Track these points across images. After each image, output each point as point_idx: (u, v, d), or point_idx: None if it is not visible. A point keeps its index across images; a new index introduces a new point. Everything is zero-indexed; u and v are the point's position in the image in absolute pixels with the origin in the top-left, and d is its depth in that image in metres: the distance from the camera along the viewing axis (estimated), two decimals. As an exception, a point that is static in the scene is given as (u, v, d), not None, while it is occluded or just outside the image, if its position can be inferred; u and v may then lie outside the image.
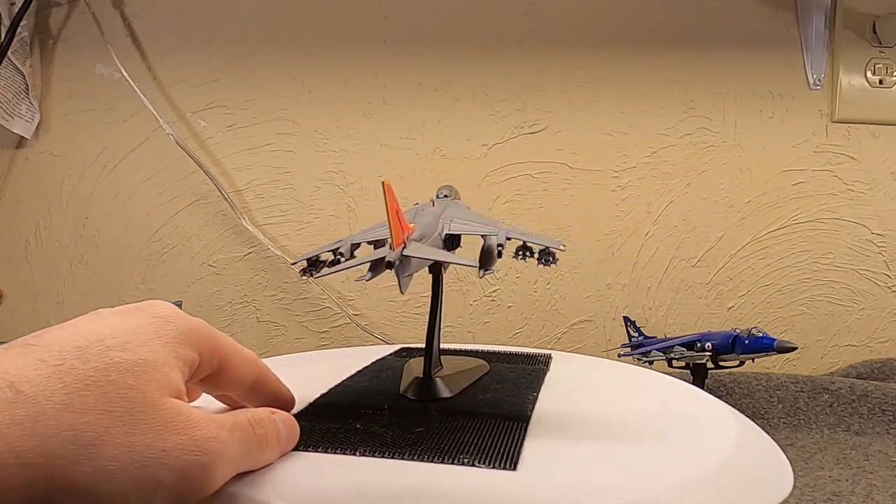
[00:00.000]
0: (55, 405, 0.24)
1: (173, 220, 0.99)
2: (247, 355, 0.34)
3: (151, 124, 0.96)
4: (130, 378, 0.26)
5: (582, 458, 0.34)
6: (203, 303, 0.99)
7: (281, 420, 0.33)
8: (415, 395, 0.42)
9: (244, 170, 0.99)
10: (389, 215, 0.33)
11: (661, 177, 0.98)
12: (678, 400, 0.45)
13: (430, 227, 0.39)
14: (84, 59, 0.98)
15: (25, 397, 0.24)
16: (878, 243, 0.97)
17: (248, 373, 0.34)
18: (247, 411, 0.32)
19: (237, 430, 0.29)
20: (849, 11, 0.95)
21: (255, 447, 0.30)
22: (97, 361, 0.26)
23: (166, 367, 0.28)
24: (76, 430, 0.24)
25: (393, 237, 0.34)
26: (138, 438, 0.25)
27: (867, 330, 0.98)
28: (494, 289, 0.99)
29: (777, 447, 0.39)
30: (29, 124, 0.97)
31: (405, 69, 0.97)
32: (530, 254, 0.40)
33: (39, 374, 0.25)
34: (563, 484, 0.30)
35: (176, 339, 0.30)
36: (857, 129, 0.97)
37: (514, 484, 0.30)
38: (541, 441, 0.36)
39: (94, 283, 0.99)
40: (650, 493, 0.30)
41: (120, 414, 0.25)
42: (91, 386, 0.25)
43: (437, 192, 0.49)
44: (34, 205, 1.00)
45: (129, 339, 0.28)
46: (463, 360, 0.50)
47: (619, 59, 0.97)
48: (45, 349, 0.26)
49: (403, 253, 0.34)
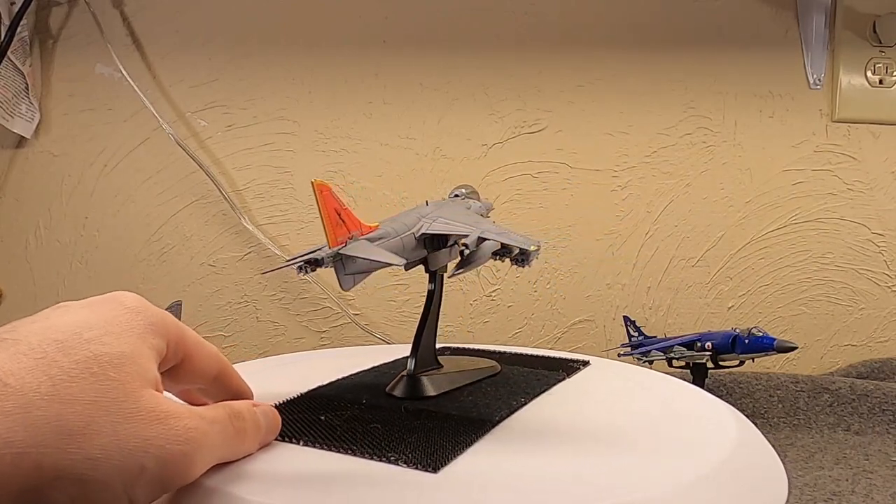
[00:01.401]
0: (42, 396, 0.25)
1: (173, 220, 0.99)
2: (209, 349, 0.35)
3: (151, 124, 0.96)
4: (111, 370, 0.27)
5: (558, 464, 0.33)
6: (203, 303, 0.99)
7: (262, 412, 0.34)
8: (397, 392, 0.42)
9: (244, 170, 0.99)
10: (323, 215, 0.35)
11: (661, 177, 0.98)
12: (678, 400, 0.45)
13: (404, 227, 0.40)
14: (84, 59, 0.98)
15: (12, 389, 0.25)
16: (878, 243, 0.97)
17: (210, 366, 0.35)
18: (226, 404, 0.33)
19: (217, 422, 0.30)
20: (849, 11, 0.95)
21: (234, 438, 0.32)
22: (78, 354, 0.27)
23: (142, 359, 0.29)
24: (64, 419, 0.25)
25: (327, 236, 0.35)
26: (123, 428, 0.26)
27: (867, 330, 0.98)
28: (494, 289, 0.99)
29: (773, 451, 0.39)
30: (29, 124, 0.97)
31: (405, 69, 0.97)
32: (508, 254, 0.40)
33: (23, 367, 0.25)
34: (475, 490, 0.30)
35: (147, 330, 0.30)
36: (857, 129, 0.97)
37: (421, 484, 0.30)
38: (502, 447, 0.35)
39: (94, 283, 0.99)
40: (649, 492, 0.30)
41: (105, 404, 0.26)
42: (75, 378, 0.26)
43: (451, 192, 0.49)
44: (34, 205, 1.00)
45: (104, 331, 0.28)
46: (469, 361, 0.50)
47: (619, 59, 0.97)
48: (24, 343, 0.27)
49: (342, 251, 0.35)
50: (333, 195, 0.35)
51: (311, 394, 0.44)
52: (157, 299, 1.04)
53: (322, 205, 0.35)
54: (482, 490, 0.30)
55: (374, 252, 0.36)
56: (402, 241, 0.40)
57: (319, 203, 0.35)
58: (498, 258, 0.40)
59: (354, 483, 0.31)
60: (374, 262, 0.36)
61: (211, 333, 0.99)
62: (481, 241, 0.39)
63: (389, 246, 0.38)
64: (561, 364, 0.52)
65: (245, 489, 0.30)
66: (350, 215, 0.37)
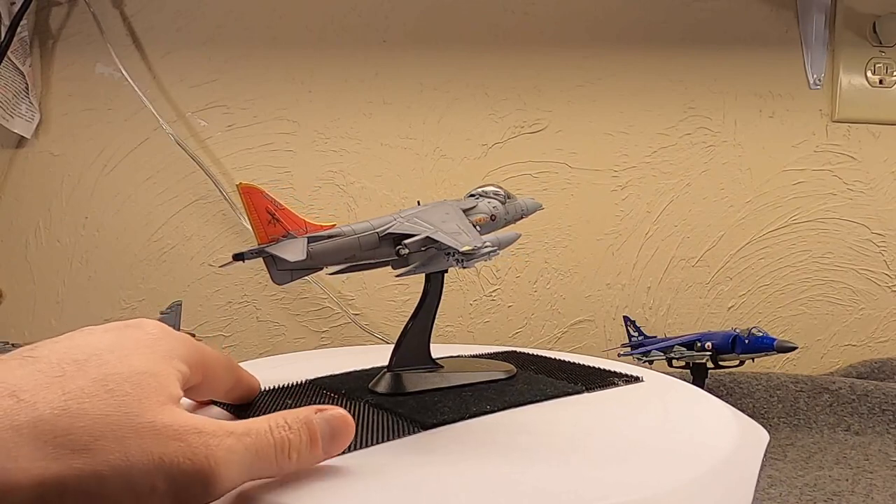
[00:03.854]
0: (53, 411, 0.25)
1: (173, 220, 0.99)
2: (226, 363, 0.36)
3: (151, 124, 0.96)
4: (128, 386, 0.27)
5: (556, 464, 0.33)
6: (203, 303, 0.99)
7: (325, 418, 0.31)
8: (379, 388, 0.43)
9: (244, 170, 0.99)
10: (250, 216, 0.38)
11: (661, 176, 0.98)
12: (678, 400, 0.45)
13: (368, 227, 0.41)
14: (84, 59, 0.98)
15: (25, 404, 0.25)
16: (878, 243, 0.97)
17: (225, 380, 0.36)
18: (275, 414, 0.30)
19: (249, 434, 0.28)
20: (849, 11, 0.95)
21: (271, 452, 0.29)
22: (96, 373, 0.26)
23: (164, 377, 0.28)
24: (71, 434, 0.25)
25: (256, 234, 0.38)
26: (134, 443, 0.25)
27: (867, 330, 0.98)
28: (494, 289, 0.99)
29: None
30: (29, 124, 0.97)
31: (405, 69, 0.97)
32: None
33: (39, 384, 0.25)
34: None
35: (170, 354, 0.30)
36: (857, 129, 0.97)
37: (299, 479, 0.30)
38: (422, 452, 0.34)
39: (94, 282, 0.99)
40: (649, 492, 0.30)
41: (116, 419, 0.26)
42: (90, 395, 0.26)
43: (469, 192, 0.48)
44: (34, 205, 1.00)
45: (126, 352, 0.28)
46: (477, 363, 0.49)
47: (619, 59, 0.97)
48: (43, 361, 0.26)
49: (267, 250, 0.38)
50: (265, 196, 0.38)
51: (305, 383, 0.46)
52: (157, 299, 1.04)
53: (248, 206, 0.38)
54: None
55: (282, 249, 0.38)
56: (360, 241, 0.40)
57: (245, 204, 0.38)
58: (451, 258, 0.40)
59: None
60: (278, 257, 0.38)
61: (211, 333, 0.99)
62: (433, 243, 0.39)
63: (338, 245, 0.39)
64: (598, 377, 0.48)
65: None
66: (288, 215, 0.39)
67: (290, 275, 0.39)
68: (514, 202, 0.49)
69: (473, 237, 0.39)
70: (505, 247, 0.45)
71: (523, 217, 0.50)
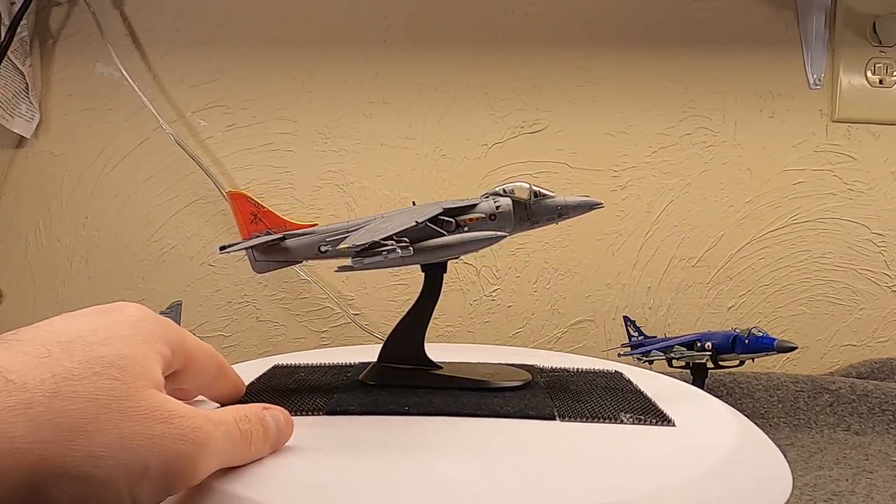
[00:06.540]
0: (45, 393, 0.25)
1: (173, 220, 0.99)
2: (208, 350, 0.36)
3: (151, 124, 0.96)
4: (115, 370, 0.27)
5: (555, 464, 0.33)
6: (203, 303, 0.99)
7: (272, 416, 0.34)
8: (363, 377, 0.45)
9: (244, 170, 0.99)
10: (237, 217, 0.44)
11: (661, 176, 0.98)
12: (678, 400, 0.45)
13: (340, 226, 0.44)
14: (84, 59, 0.98)
15: (15, 386, 0.25)
16: (878, 243, 0.97)
17: (209, 367, 0.36)
18: (233, 407, 0.32)
19: (222, 424, 0.30)
20: (849, 11, 0.95)
21: (240, 442, 0.31)
22: (81, 355, 0.27)
23: (147, 361, 0.29)
24: (66, 416, 0.25)
25: (241, 231, 0.45)
26: (127, 425, 0.26)
27: (867, 330, 0.98)
28: (494, 289, 0.99)
29: (777, 449, 0.39)
30: (29, 124, 0.97)
31: (405, 69, 0.97)
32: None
33: (27, 365, 0.26)
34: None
35: (151, 337, 0.31)
36: (857, 129, 0.97)
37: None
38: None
39: (94, 282, 0.99)
40: (650, 492, 0.30)
41: (108, 402, 0.26)
42: (78, 377, 0.26)
43: (485, 192, 0.48)
44: (34, 205, 1.00)
45: (109, 335, 0.28)
46: (481, 368, 0.48)
47: (619, 59, 0.97)
48: (27, 343, 0.27)
49: (242, 245, 0.45)
50: (250, 201, 0.45)
51: (306, 367, 0.49)
52: (157, 299, 1.03)
53: (234, 209, 0.45)
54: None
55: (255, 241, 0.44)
56: (327, 238, 0.44)
57: (233, 208, 0.45)
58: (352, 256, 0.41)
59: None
60: (247, 247, 0.45)
61: (211, 333, 0.99)
62: (374, 245, 0.40)
63: (309, 241, 0.44)
64: (604, 376, 0.48)
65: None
66: (269, 215, 0.45)
67: (269, 265, 0.45)
68: (544, 201, 0.46)
69: (365, 238, 0.40)
70: (442, 250, 0.42)
71: (567, 216, 0.47)
